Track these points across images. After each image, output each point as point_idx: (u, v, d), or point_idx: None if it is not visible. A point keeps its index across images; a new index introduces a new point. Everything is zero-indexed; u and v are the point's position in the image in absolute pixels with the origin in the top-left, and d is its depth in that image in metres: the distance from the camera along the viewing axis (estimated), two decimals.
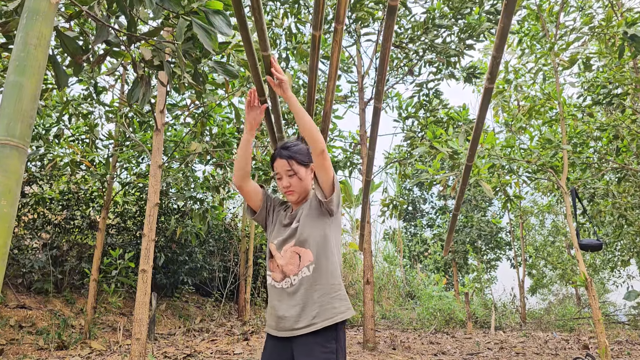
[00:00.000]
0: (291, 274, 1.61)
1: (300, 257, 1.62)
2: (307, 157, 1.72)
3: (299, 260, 1.62)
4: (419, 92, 7.18)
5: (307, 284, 1.58)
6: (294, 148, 1.71)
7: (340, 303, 1.59)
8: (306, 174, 1.72)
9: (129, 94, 2.33)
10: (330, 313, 1.55)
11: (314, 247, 1.61)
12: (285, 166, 1.68)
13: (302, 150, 1.72)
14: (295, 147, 1.72)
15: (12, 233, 0.96)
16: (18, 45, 1.05)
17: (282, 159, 1.69)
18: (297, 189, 1.70)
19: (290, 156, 1.69)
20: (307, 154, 1.72)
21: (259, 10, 1.64)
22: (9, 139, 0.98)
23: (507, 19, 1.65)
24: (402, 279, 13.82)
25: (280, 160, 1.69)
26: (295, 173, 1.68)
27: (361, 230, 4.31)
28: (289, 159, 1.68)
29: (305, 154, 1.72)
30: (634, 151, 5.72)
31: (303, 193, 1.73)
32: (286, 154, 1.69)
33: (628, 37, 4.15)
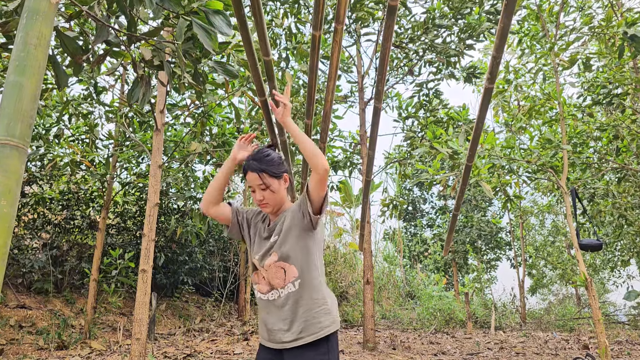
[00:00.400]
0: (278, 287, 1.61)
1: (285, 271, 1.61)
2: (279, 168, 1.64)
3: (284, 275, 1.61)
4: (419, 92, 7.19)
5: (293, 299, 1.59)
6: (266, 159, 1.63)
7: (326, 317, 1.59)
8: (279, 186, 1.65)
9: (129, 94, 2.33)
10: (316, 328, 1.56)
11: (297, 263, 1.60)
12: (257, 180, 1.61)
13: (274, 162, 1.64)
14: (267, 157, 1.63)
15: (12, 233, 0.96)
16: (18, 45, 1.05)
17: (253, 172, 1.61)
18: (271, 202, 1.64)
19: (262, 169, 1.61)
20: (279, 165, 1.65)
21: (260, 14, 1.64)
22: (9, 139, 0.98)
23: (507, 19, 1.65)
24: (402, 279, 13.82)
25: (252, 173, 1.62)
26: (268, 186, 1.61)
27: (361, 230, 4.31)
28: (261, 172, 1.61)
29: (277, 164, 1.64)
30: (634, 151, 5.72)
31: (278, 205, 1.66)
32: (257, 166, 1.61)
33: (628, 37, 4.14)
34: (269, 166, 1.62)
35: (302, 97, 6.16)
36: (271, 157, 1.64)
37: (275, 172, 1.63)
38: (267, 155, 1.64)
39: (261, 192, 1.63)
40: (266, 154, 1.65)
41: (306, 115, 2.17)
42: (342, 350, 5.96)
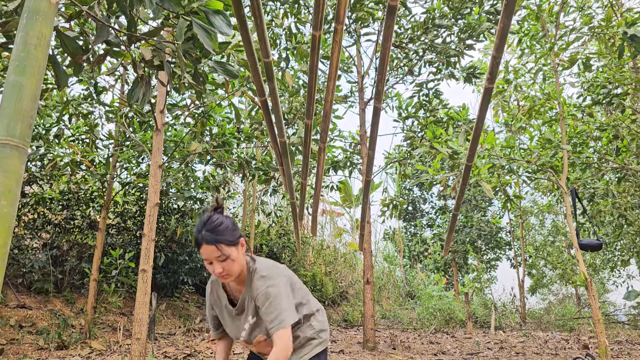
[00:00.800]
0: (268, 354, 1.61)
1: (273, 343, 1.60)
2: (235, 234, 1.53)
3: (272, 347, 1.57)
4: (419, 92, 7.19)
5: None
6: (219, 229, 1.50)
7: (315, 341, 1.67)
8: (238, 252, 1.53)
9: (129, 94, 2.33)
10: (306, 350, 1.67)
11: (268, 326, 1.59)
12: (214, 252, 1.48)
13: (228, 229, 1.52)
14: (220, 226, 1.51)
15: (12, 233, 0.97)
16: (18, 45, 1.05)
17: (209, 245, 1.48)
18: (232, 272, 1.52)
19: (218, 240, 1.48)
20: (233, 231, 1.53)
21: (260, 14, 1.64)
22: (9, 139, 0.98)
23: (507, 19, 1.65)
24: (402, 278, 13.83)
25: (208, 246, 1.48)
26: (227, 257, 1.50)
27: (361, 230, 4.31)
28: (217, 243, 1.48)
29: (232, 230, 1.53)
30: (633, 151, 5.72)
31: (238, 271, 1.55)
32: (212, 238, 1.48)
33: (628, 37, 4.15)
34: (225, 235, 1.50)
35: (302, 97, 6.16)
36: (225, 224, 1.52)
37: (232, 240, 1.51)
38: (220, 223, 1.52)
39: (220, 263, 1.50)
40: (219, 222, 1.51)
41: (306, 115, 2.17)
42: (342, 350, 5.96)
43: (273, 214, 9.70)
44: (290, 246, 10.12)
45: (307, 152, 2.58)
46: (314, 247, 11.55)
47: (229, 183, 6.22)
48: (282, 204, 11.13)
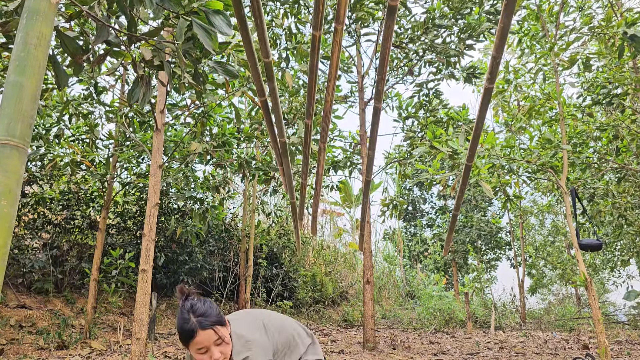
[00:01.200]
0: None
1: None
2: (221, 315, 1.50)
3: None
4: (419, 92, 7.19)
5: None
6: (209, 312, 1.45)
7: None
8: (227, 332, 1.49)
9: (129, 94, 2.33)
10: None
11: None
12: (212, 337, 1.41)
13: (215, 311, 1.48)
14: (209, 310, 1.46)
15: (12, 233, 0.97)
16: (18, 45, 1.05)
17: (205, 330, 1.40)
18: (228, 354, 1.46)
19: (214, 323, 1.43)
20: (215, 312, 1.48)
21: (260, 14, 1.64)
22: (9, 139, 0.98)
23: (507, 19, 1.65)
24: (402, 278, 13.83)
25: (204, 331, 1.40)
26: (223, 339, 1.44)
27: (361, 230, 4.31)
28: (213, 325, 1.42)
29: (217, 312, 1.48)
30: (633, 151, 5.72)
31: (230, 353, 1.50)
32: (207, 322, 1.41)
33: (628, 37, 4.15)
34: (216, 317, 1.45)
35: (302, 97, 6.16)
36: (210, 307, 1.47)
37: (223, 321, 1.47)
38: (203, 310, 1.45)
39: (217, 348, 1.42)
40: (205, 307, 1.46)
41: (306, 115, 2.17)
42: (342, 350, 5.96)
43: (273, 214, 9.70)
44: (290, 246, 10.12)
45: (307, 152, 2.58)
46: (314, 247, 11.55)
47: (229, 183, 6.22)
48: (282, 204, 11.13)
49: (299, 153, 5.77)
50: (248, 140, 5.75)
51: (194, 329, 1.39)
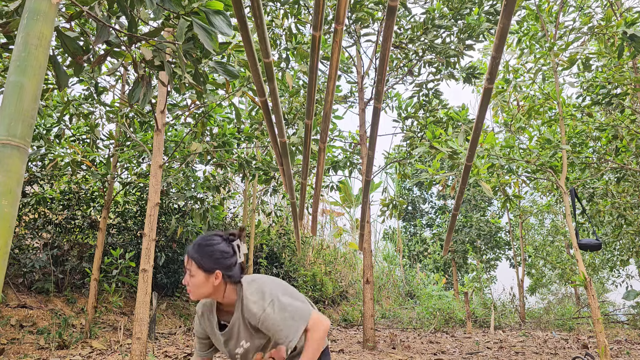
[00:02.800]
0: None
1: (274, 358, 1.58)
2: (211, 263, 1.47)
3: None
4: (418, 92, 7.19)
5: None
6: (203, 249, 1.49)
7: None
8: (205, 280, 1.48)
9: (129, 94, 2.34)
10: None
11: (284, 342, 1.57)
12: (186, 262, 1.50)
13: (208, 254, 1.48)
14: (206, 248, 1.49)
15: (13, 233, 0.97)
16: (19, 46, 1.06)
17: (187, 254, 1.50)
18: (193, 290, 1.50)
19: (192, 256, 1.48)
20: (213, 260, 1.48)
21: (260, 14, 1.65)
22: (10, 139, 0.99)
23: (506, 19, 1.66)
24: (401, 278, 13.84)
25: (188, 257, 1.50)
26: (192, 275, 1.48)
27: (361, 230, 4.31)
28: (190, 257, 1.48)
29: (212, 258, 1.48)
30: (633, 151, 5.72)
31: (202, 297, 1.52)
32: (191, 251, 1.49)
33: (627, 37, 4.15)
34: (201, 256, 1.47)
35: (302, 97, 6.16)
36: (211, 247, 1.49)
37: (204, 265, 1.47)
38: (209, 245, 1.49)
39: (187, 275, 1.49)
40: (209, 244, 1.50)
41: (306, 116, 2.18)
42: (341, 349, 5.97)
43: (273, 213, 9.71)
44: (290, 246, 10.13)
45: (307, 152, 2.58)
46: (314, 247, 11.56)
47: (229, 183, 6.23)
48: (282, 204, 11.13)
49: (299, 153, 5.78)
50: (248, 140, 5.76)
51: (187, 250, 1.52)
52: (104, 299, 6.74)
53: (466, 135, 5.31)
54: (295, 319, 1.48)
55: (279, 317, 1.47)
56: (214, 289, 1.51)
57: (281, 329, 1.47)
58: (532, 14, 5.86)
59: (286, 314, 1.48)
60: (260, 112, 5.88)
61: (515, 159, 5.04)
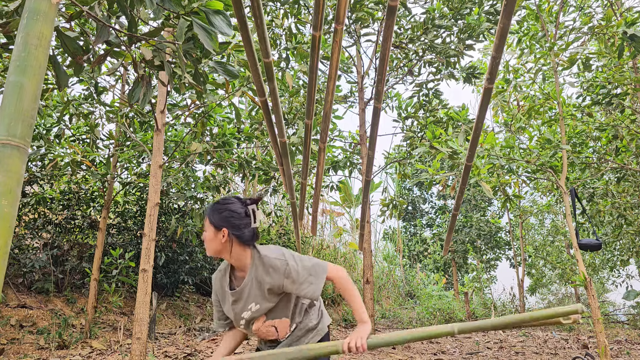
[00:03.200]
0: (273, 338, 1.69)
1: (276, 328, 1.66)
2: (220, 221, 1.58)
3: (276, 331, 1.66)
4: (418, 92, 7.19)
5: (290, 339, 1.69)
6: (217, 208, 1.60)
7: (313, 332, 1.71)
8: (214, 236, 1.59)
9: (129, 94, 2.34)
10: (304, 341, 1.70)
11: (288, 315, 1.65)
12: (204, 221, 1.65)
13: (220, 212, 1.59)
14: (220, 207, 1.60)
15: (12, 233, 0.97)
16: (19, 46, 1.06)
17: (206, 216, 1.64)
18: (206, 245, 1.63)
19: (207, 212, 1.63)
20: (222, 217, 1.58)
21: (260, 14, 1.65)
22: (10, 139, 0.99)
23: (506, 19, 1.65)
24: (401, 278, 13.83)
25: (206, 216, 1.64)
26: (204, 230, 1.62)
27: (361, 230, 4.31)
28: (206, 214, 1.63)
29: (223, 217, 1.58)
30: (633, 151, 5.72)
31: (213, 253, 1.62)
32: (208, 210, 1.63)
33: (627, 37, 4.15)
34: (213, 212, 1.60)
35: (302, 97, 6.16)
36: (223, 206, 1.60)
37: (214, 222, 1.59)
38: (224, 205, 1.60)
39: (204, 233, 1.63)
40: (223, 202, 1.62)
41: (306, 116, 2.18)
42: None
43: (273, 213, 9.70)
44: (290, 246, 10.12)
45: (307, 152, 2.58)
46: (314, 247, 11.56)
47: (229, 183, 6.22)
48: (282, 204, 11.13)
49: (299, 153, 5.77)
50: (248, 140, 5.76)
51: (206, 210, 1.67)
52: (104, 299, 6.74)
53: (466, 135, 5.31)
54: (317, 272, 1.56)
55: (301, 268, 1.55)
56: (222, 246, 1.59)
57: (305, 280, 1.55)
58: (532, 14, 5.86)
59: (308, 265, 1.56)
60: (260, 112, 5.88)
61: (515, 159, 5.04)
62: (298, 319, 1.67)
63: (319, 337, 1.70)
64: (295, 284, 1.54)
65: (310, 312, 1.70)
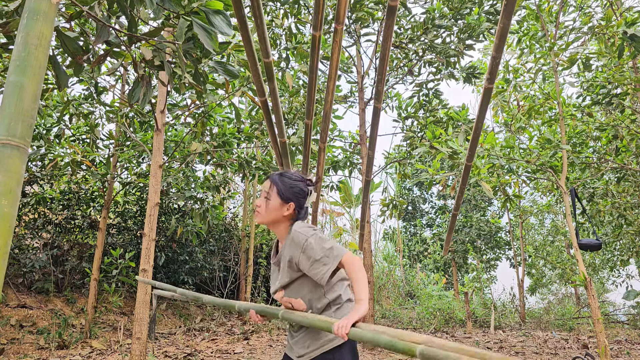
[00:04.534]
0: None
1: (292, 305, 1.65)
2: (291, 195, 1.66)
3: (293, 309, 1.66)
4: (418, 92, 7.19)
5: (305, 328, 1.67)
6: (286, 179, 1.68)
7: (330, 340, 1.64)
8: (279, 207, 1.66)
9: (129, 94, 2.34)
10: (321, 342, 1.63)
11: (304, 297, 1.64)
12: (266, 186, 1.68)
13: (290, 185, 1.67)
14: (289, 179, 1.68)
15: (13, 233, 0.97)
16: (19, 46, 1.06)
17: (268, 180, 1.69)
18: (262, 214, 1.67)
19: (276, 181, 1.67)
20: (293, 192, 1.66)
21: (260, 14, 1.65)
22: (10, 139, 0.99)
23: (506, 19, 1.65)
24: (401, 278, 13.83)
25: (267, 181, 1.70)
26: (268, 199, 1.66)
27: (361, 230, 4.31)
28: (274, 183, 1.67)
29: (291, 190, 1.66)
30: (633, 151, 5.72)
31: (267, 222, 1.68)
32: (275, 178, 1.68)
33: (627, 36, 4.15)
34: (283, 185, 1.66)
35: (302, 97, 6.16)
36: (292, 181, 1.68)
37: (283, 194, 1.66)
38: (292, 179, 1.69)
39: (262, 199, 1.68)
40: (292, 177, 1.69)
41: (306, 116, 2.18)
42: None
43: None
44: None
45: (307, 152, 2.58)
46: None
47: (229, 183, 6.22)
48: None
49: (299, 153, 5.77)
50: (248, 140, 5.76)
51: (270, 176, 1.70)
52: (104, 299, 6.74)
53: (466, 135, 5.31)
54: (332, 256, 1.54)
55: (318, 248, 1.55)
56: (282, 218, 1.67)
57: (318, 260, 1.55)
58: (532, 13, 5.86)
59: (326, 247, 1.55)
60: (260, 112, 5.88)
61: (516, 159, 5.04)
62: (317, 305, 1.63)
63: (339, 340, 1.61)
64: (309, 261, 1.56)
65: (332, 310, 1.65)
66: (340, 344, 1.62)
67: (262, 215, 1.67)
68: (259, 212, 1.68)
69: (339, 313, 1.65)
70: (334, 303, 1.66)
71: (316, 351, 1.61)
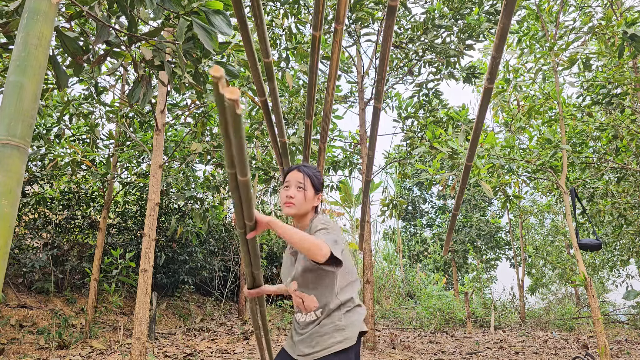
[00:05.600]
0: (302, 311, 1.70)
1: (303, 301, 1.66)
2: (321, 186, 1.76)
3: (303, 304, 1.67)
4: (418, 92, 7.19)
5: (314, 325, 1.65)
6: (314, 171, 1.75)
7: (340, 334, 1.62)
8: (313, 198, 1.72)
9: (129, 94, 2.34)
10: (328, 343, 1.61)
11: (316, 293, 1.64)
12: (299, 178, 1.70)
13: (317, 176, 1.76)
14: (316, 171, 1.76)
15: (13, 233, 0.97)
16: (19, 46, 1.06)
17: (299, 172, 1.71)
18: (298, 205, 1.67)
19: (309, 174, 1.72)
20: (320, 184, 1.76)
21: (260, 14, 1.64)
22: (10, 139, 0.99)
23: (506, 19, 1.65)
24: (401, 278, 13.83)
25: (298, 173, 1.71)
26: (304, 189, 1.69)
27: (361, 230, 4.31)
28: (307, 175, 1.71)
29: (319, 181, 1.76)
30: (633, 151, 5.72)
31: (300, 212, 1.69)
32: (306, 170, 1.72)
33: (628, 36, 4.15)
34: (315, 177, 1.73)
35: (302, 97, 6.16)
36: (318, 173, 1.78)
37: (317, 185, 1.73)
38: (316, 169, 1.77)
39: (295, 190, 1.68)
40: (316, 169, 1.78)
41: (306, 116, 2.18)
42: None
43: (273, 213, 9.69)
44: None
45: (307, 152, 2.58)
46: None
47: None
48: None
49: (299, 153, 5.77)
50: (248, 140, 5.75)
51: (293, 168, 1.74)
52: (104, 299, 6.74)
53: (466, 135, 5.31)
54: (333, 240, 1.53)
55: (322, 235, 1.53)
56: (311, 209, 1.73)
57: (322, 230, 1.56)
58: (532, 13, 5.86)
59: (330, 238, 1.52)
60: (260, 112, 5.88)
61: (516, 159, 5.04)
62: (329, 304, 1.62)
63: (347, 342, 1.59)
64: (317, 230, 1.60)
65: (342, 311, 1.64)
66: (347, 347, 1.59)
67: (297, 206, 1.67)
68: (293, 203, 1.67)
69: (348, 316, 1.64)
70: (344, 305, 1.65)
71: (323, 352, 1.59)
